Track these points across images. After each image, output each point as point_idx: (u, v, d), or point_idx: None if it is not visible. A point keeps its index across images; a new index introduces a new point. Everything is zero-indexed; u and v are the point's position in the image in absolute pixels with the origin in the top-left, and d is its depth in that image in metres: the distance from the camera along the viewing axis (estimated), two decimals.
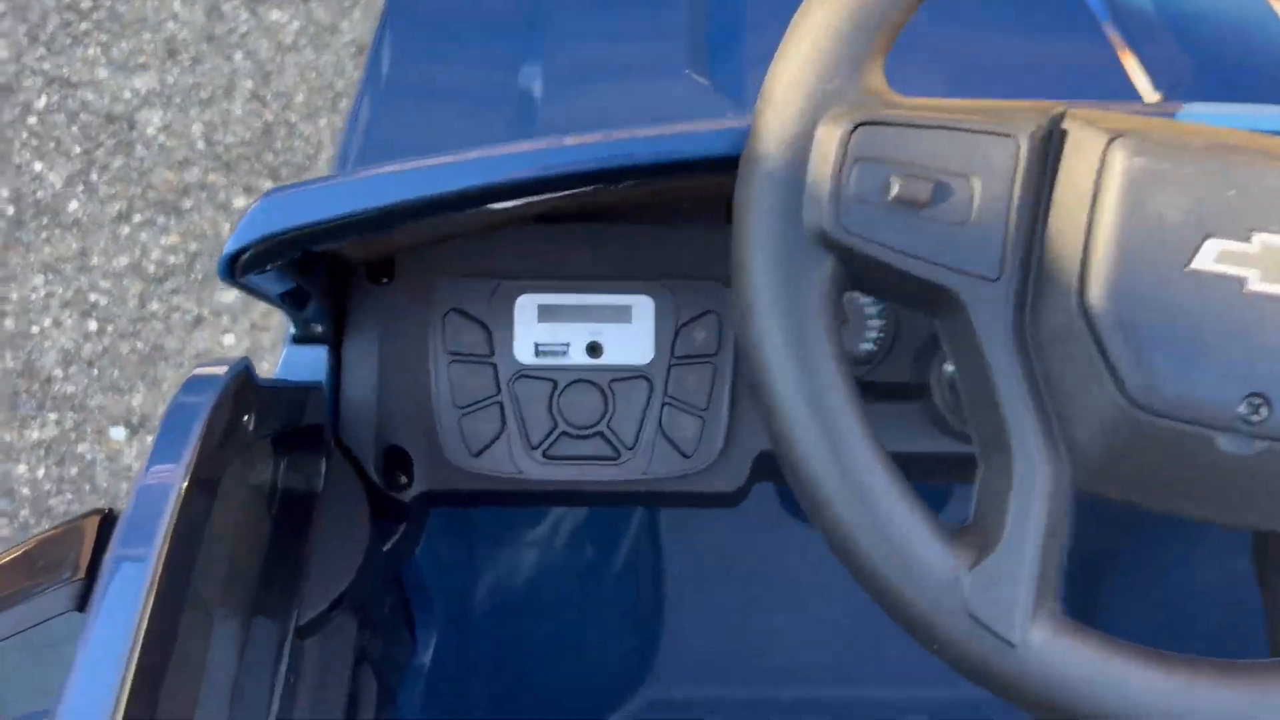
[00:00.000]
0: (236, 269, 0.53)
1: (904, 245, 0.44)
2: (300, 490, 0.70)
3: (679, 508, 0.79)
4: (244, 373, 0.48)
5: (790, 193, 0.44)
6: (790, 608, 1.19)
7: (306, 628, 0.68)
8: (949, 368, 0.67)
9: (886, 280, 0.45)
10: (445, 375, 0.74)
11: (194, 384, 0.47)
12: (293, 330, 0.75)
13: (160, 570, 0.42)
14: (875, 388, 0.78)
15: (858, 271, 0.45)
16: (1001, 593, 0.43)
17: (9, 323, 1.79)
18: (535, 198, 0.57)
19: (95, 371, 1.74)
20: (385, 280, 0.76)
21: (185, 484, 0.44)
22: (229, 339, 1.75)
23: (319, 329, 0.74)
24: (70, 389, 1.75)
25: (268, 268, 0.55)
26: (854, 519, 0.43)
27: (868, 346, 0.79)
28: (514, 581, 1.04)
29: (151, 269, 1.82)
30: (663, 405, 0.74)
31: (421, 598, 0.86)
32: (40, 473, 1.71)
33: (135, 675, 0.41)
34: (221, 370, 0.47)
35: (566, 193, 0.58)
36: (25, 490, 1.70)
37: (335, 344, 0.76)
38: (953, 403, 0.69)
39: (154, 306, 1.79)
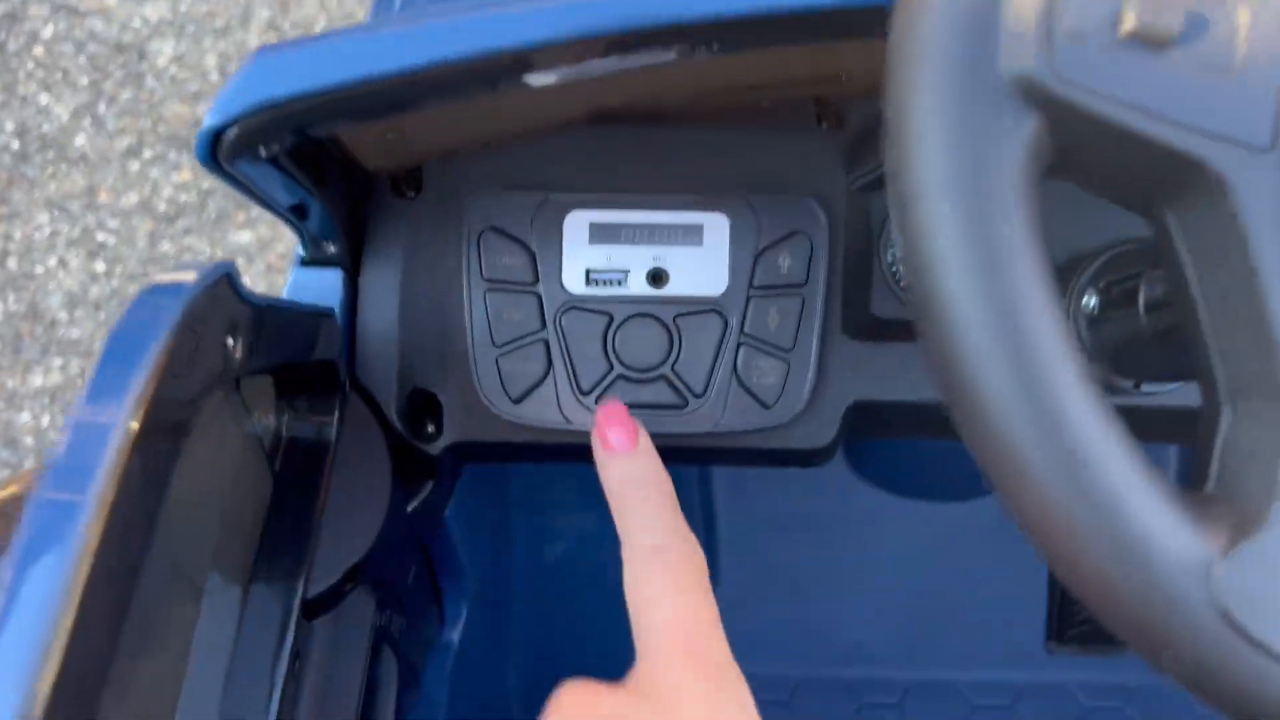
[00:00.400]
0: (220, 151, 0.41)
1: (1141, 99, 0.31)
2: (308, 440, 0.59)
3: (754, 466, 0.67)
4: (224, 281, 0.37)
5: (980, 25, 0.31)
6: (854, 579, 1.08)
7: (315, 603, 0.57)
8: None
9: (1107, 153, 0.33)
10: (481, 306, 0.62)
11: (151, 295, 0.35)
12: (301, 250, 0.63)
13: (98, 530, 0.31)
14: None
15: (1069, 139, 0.32)
16: (1269, 587, 0.30)
17: (12, 263, 1.69)
18: (599, 65, 0.45)
19: (102, 315, 1.63)
20: (411, 194, 0.64)
21: (137, 419, 0.33)
22: (244, 282, 1.64)
23: (332, 249, 0.62)
24: (76, 333, 1.64)
25: (262, 153, 0.43)
26: (1058, 480, 0.31)
27: None
28: (554, 548, 0.93)
29: (162, 207, 1.71)
30: (739, 345, 0.62)
31: (450, 566, 0.75)
32: (45, 421, 1.61)
33: (62, 668, 0.30)
34: (189, 276, 0.35)
35: (642, 61, 0.46)
36: (29, 439, 1.61)
37: (352, 268, 0.64)
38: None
39: (165, 247, 1.68)
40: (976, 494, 1.06)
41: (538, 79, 0.47)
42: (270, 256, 1.66)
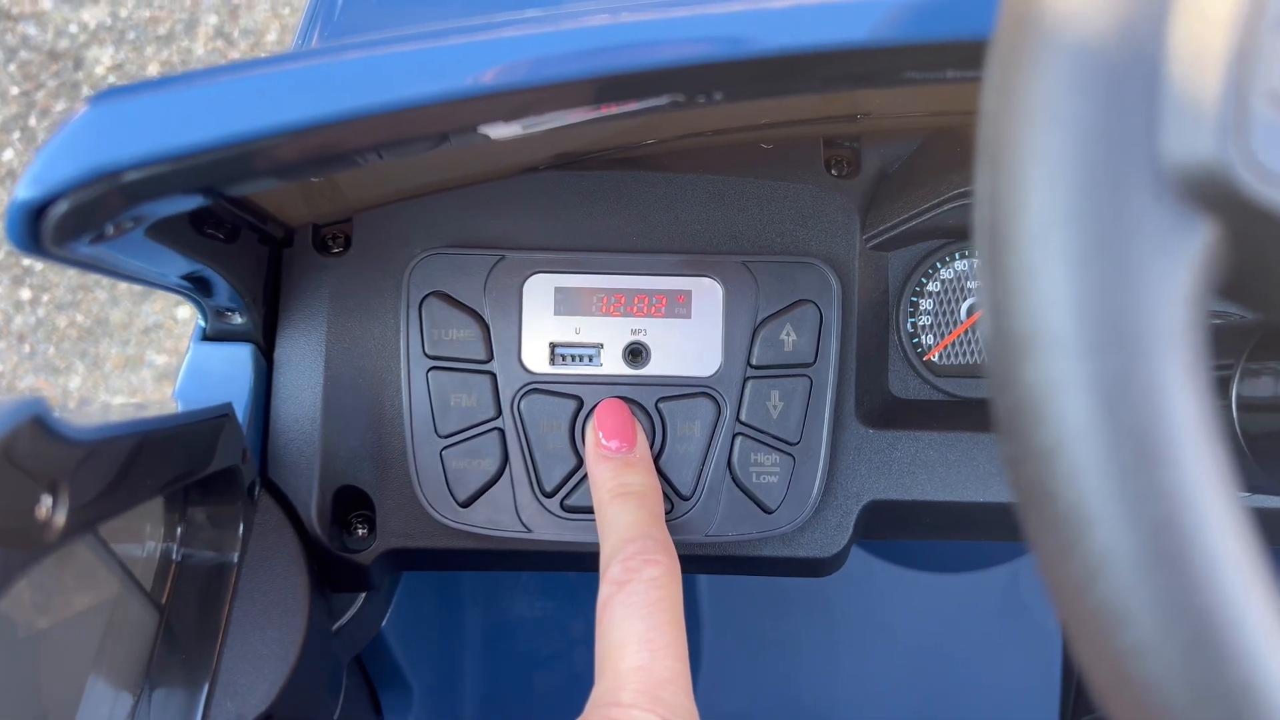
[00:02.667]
0: (45, 233, 0.30)
1: None
2: (204, 562, 0.48)
3: (751, 576, 0.56)
4: (30, 426, 0.26)
5: (1130, 83, 0.21)
6: (849, 654, 0.98)
7: None
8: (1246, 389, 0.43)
9: None
10: (423, 388, 0.51)
11: None
12: (201, 322, 0.52)
13: None
14: None
15: (1254, 254, 0.22)
16: None
17: None
18: (578, 114, 0.34)
19: (27, 348, 1.50)
20: (338, 249, 0.53)
21: None
22: (183, 311, 1.51)
23: (239, 320, 0.51)
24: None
25: (109, 232, 0.32)
26: None
27: None
28: (514, 640, 0.82)
29: None
30: (734, 436, 0.52)
31: (392, 681, 0.64)
32: None
33: None
34: None
35: (629, 110, 0.35)
36: None
37: (265, 341, 0.53)
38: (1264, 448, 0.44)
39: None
40: (984, 564, 0.96)
41: (499, 130, 0.36)
42: None
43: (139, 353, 1.50)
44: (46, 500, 0.28)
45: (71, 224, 0.30)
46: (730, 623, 0.98)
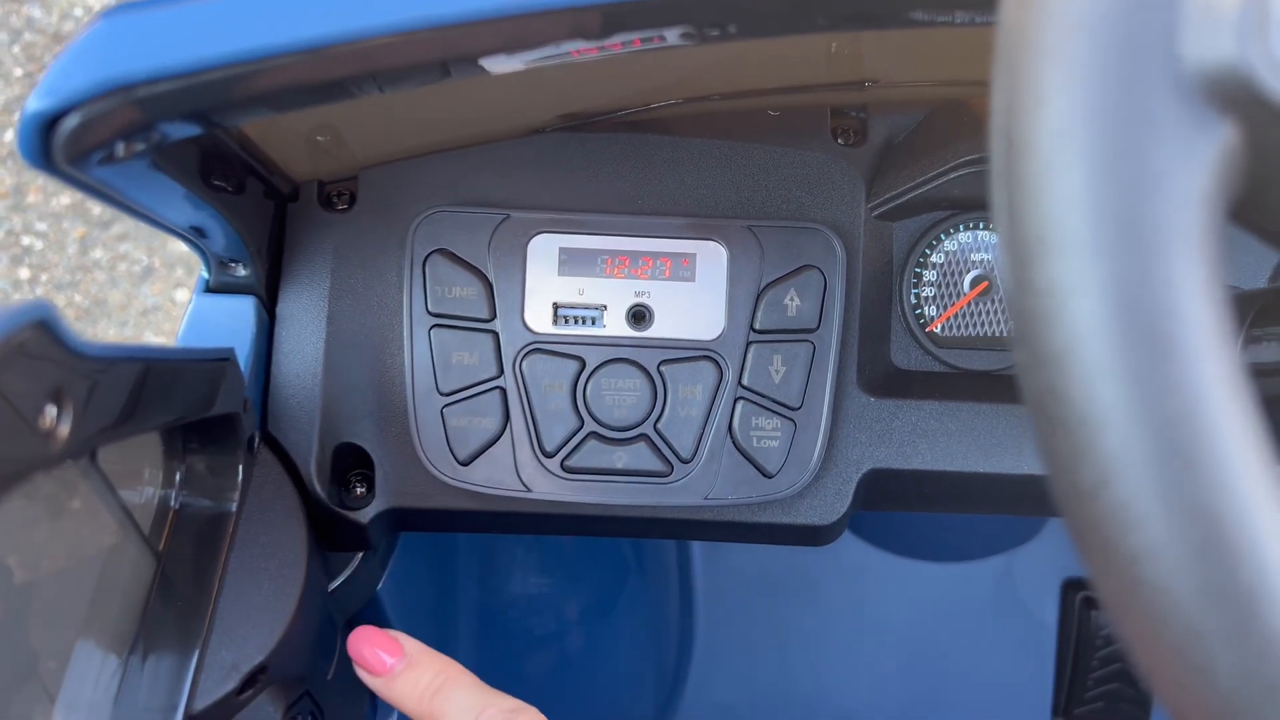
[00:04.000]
0: (56, 148, 0.30)
1: None
2: (203, 511, 0.47)
3: (749, 542, 0.56)
4: (36, 329, 0.26)
5: (1143, 1, 0.21)
6: (843, 643, 0.97)
7: (203, 717, 0.45)
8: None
9: None
10: (425, 345, 0.51)
11: None
12: (205, 273, 0.52)
13: None
14: None
15: (1273, 161, 0.22)
16: None
17: None
18: (582, 47, 0.34)
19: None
20: (343, 206, 0.53)
21: None
22: (182, 294, 1.51)
23: (243, 272, 0.51)
24: None
25: (120, 152, 0.32)
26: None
27: None
28: (508, 618, 0.82)
29: (96, 211, 1.57)
30: (736, 400, 0.52)
31: None
32: None
33: None
34: None
35: (636, 43, 0.35)
36: None
37: (268, 295, 0.53)
38: None
39: (97, 254, 1.55)
40: (980, 554, 0.96)
41: (500, 64, 0.36)
42: None
43: (137, 334, 1.50)
44: (51, 410, 0.28)
45: (83, 139, 0.30)
46: (723, 612, 0.98)
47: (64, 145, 0.30)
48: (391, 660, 0.48)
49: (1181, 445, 0.21)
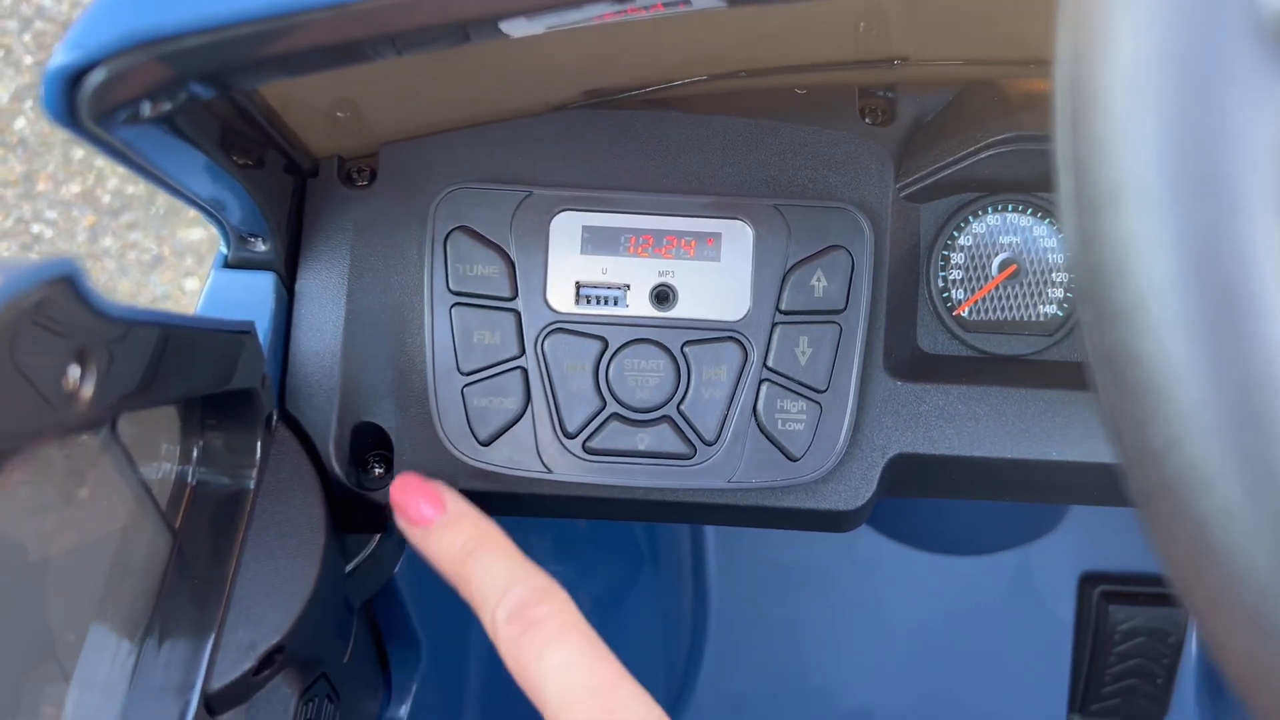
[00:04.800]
0: (81, 104, 0.29)
1: None
2: (220, 488, 0.47)
3: (772, 528, 0.55)
4: (61, 284, 0.25)
5: None
6: (858, 637, 0.97)
7: (220, 696, 0.45)
8: None
9: None
10: (445, 324, 0.50)
11: None
12: (223, 248, 0.51)
13: None
14: (1057, 370, 0.54)
15: None
16: None
17: None
18: (606, 7, 0.33)
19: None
20: (363, 182, 0.52)
21: None
22: (192, 283, 1.50)
23: (262, 247, 0.50)
24: None
25: (146, 111, 0.31)
26: None
27: (1050, 310, 0.55)
28: None
29: (106, 199, 1.57)
30: (761, 382, 0.51)
31: (400, 633, 0.63)
32: None
33: None
34: None
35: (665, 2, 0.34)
36: None
37: (287, 271, 0.52)
38: None
39: (107, 242, 1.55)
40: (996, 547, 0.95)
41: (519, 27, 0.35)
42: None
43: None
44: (74, 370, 0.27)
45: (109, 96, 0.29)
46: (737, 603, 0.97)
47: (89, 101, 0.29)
48: (431, 513, 0.46)
49: (1259, 405, 0.20)
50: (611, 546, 0.91)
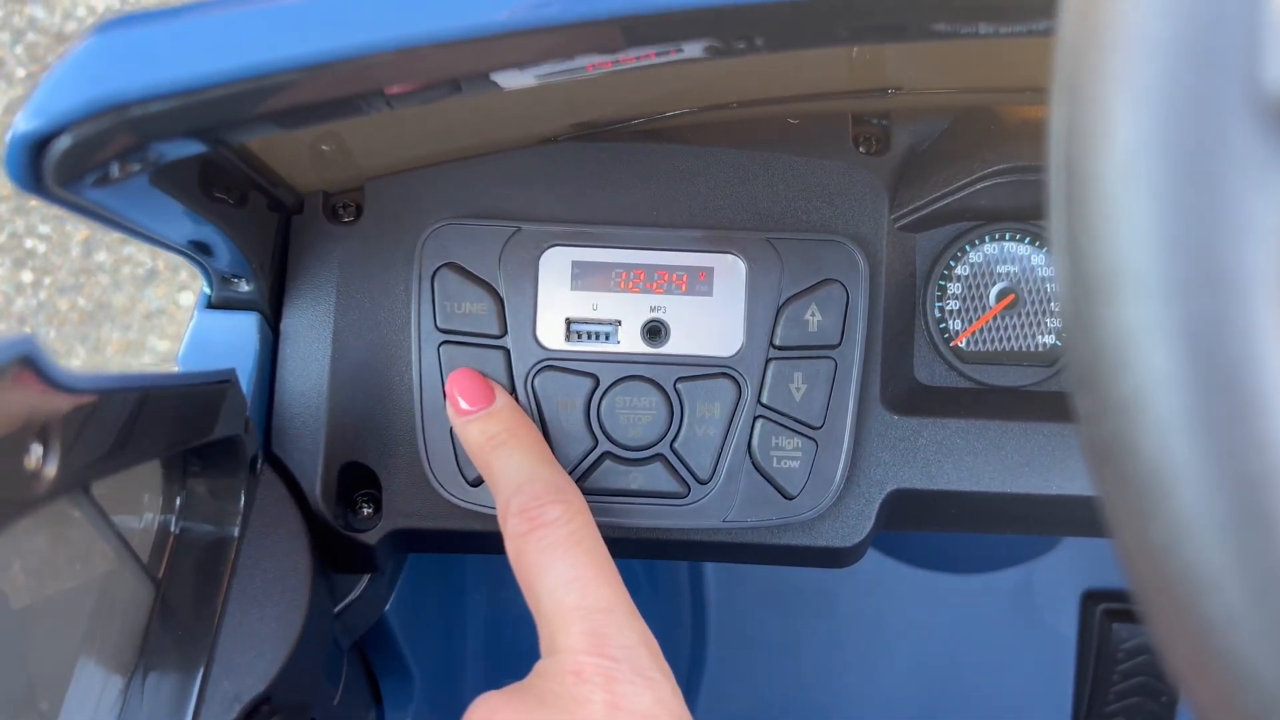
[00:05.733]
0: (46, 170, 0.28)
1: None
2: (203, 535, 0.46)
3: (768, 565, 0.54)
4: (19, 366, 0.24)
5: (1224, 15, 0.19)
6: (857, 657, 0.96)
7: None
8: None
9: None
10: (434, 363, 0.50)
11: None
12: (206, 288, 0.50)
13: None
14: (1057, 401, 0.53)
15: None
16: None
17: None
18: (599, 62, 0.33)
19: (28, 331, 1.49)
20: (349, 218, 0.52)
21: None
22: (186, 297, 1.50)
23: (246, 287, 0.49)
24: None
25: (114, 173, 0.30)
26: None
27: (1049, 340, 0.54)
28: (518, 637, 0.80)
29: None
30: (755, 419, 0.50)
31: (393, 669, 0.62)
32: None
33: None
34: None
35: (656, 58, 0.33)
36: None
37: (272, 310, 0.51)
38: None
39: (101, 257, 1.54)
40: (997, 566, 0.94)
41: (512, 79, 0.34)
42: None
43: (141, 338, 1.49)
44: (36, 449, 0.26)
45: (75, 161, 0.28)
46: (736, 625, 0.96)
47: (55, 168, 0.28)
48: (476, 406, 0.47)
49: (1263, 504, 0.19)
50: None
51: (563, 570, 0.40)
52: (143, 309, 1.50)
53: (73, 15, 1.74)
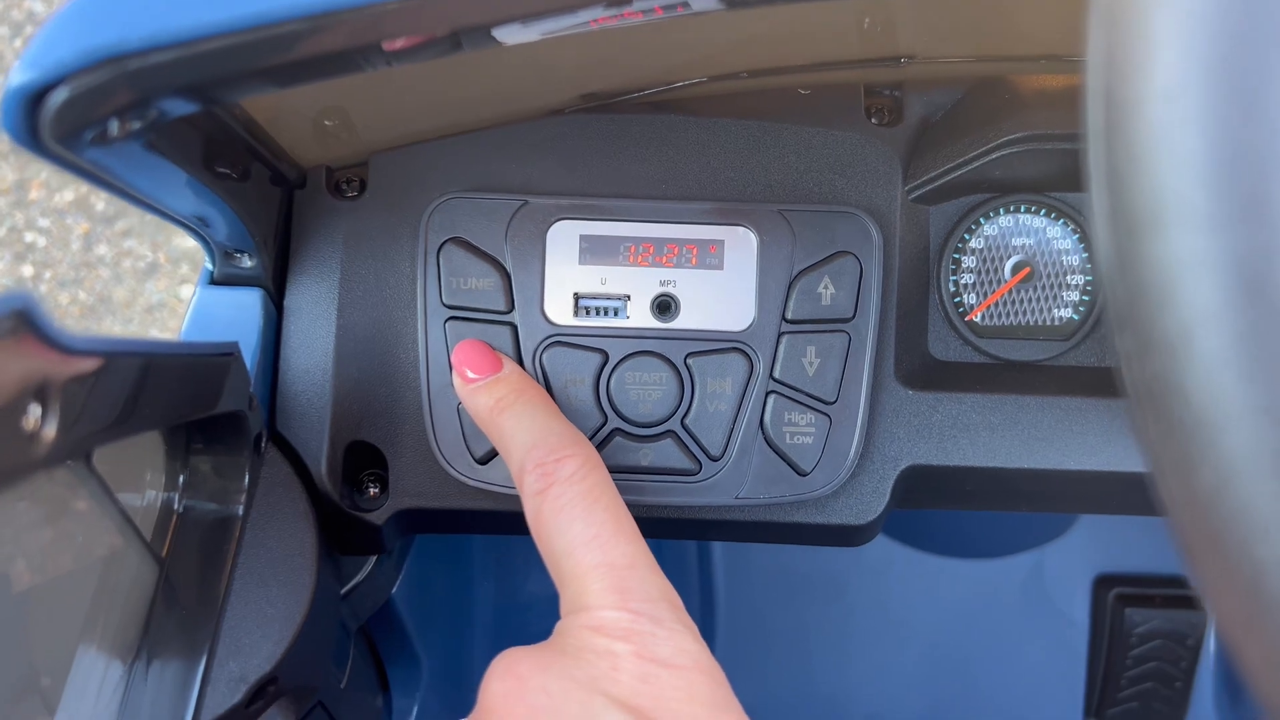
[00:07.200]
0: (42, 124, 0.27)
1: None
2: (208, 514, 0.45)
3: (781, 543, 0.53)
4: (14, 321, 0.23)
5: None
6: (868, 643, 0.95)
7: None
8: None
9: None
10: (440, 339, 0.49)
11: None
12: (209, 264, 0.49)
13: None
14: (1074, 376, 0.52)
15: None
16: None
17: None
18: (603, 12, 0.32)
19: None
20: (352, 194, 0.51)
21: None
22: (187, 290, 1.49)
23: (249, 263, 0.48)
24: None
25: (114, 130, 0.30)
26: None
27: (1065, 313, 0.53)
28: (526, 620, 0.79)
29: (100, 206, 1.55)
30: (767, 394, 0.49)
31: (400, 653, 0.61)
32: None
33: None
34: None
35: (663, 7, 0.32)
36: None
37: (275, 287, 0.50)
38: None
39: (101, 250, 1.53)
40: (1009, 551, 0.93)
41: (513, 33, 0.33)
42: None
43: (142, 330, 1.48)
44: (35, 409, 0.25)
45: (73, 116, 0.27)
46: (745, 611, 0.95)
47: (52, 122, 0.27)
48: (476, 375, 0.46)
49: None
50: None
51: (581, 530, 0.40)
52: (144, 302, 1.49)
53: None
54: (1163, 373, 0.19)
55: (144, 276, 1.50)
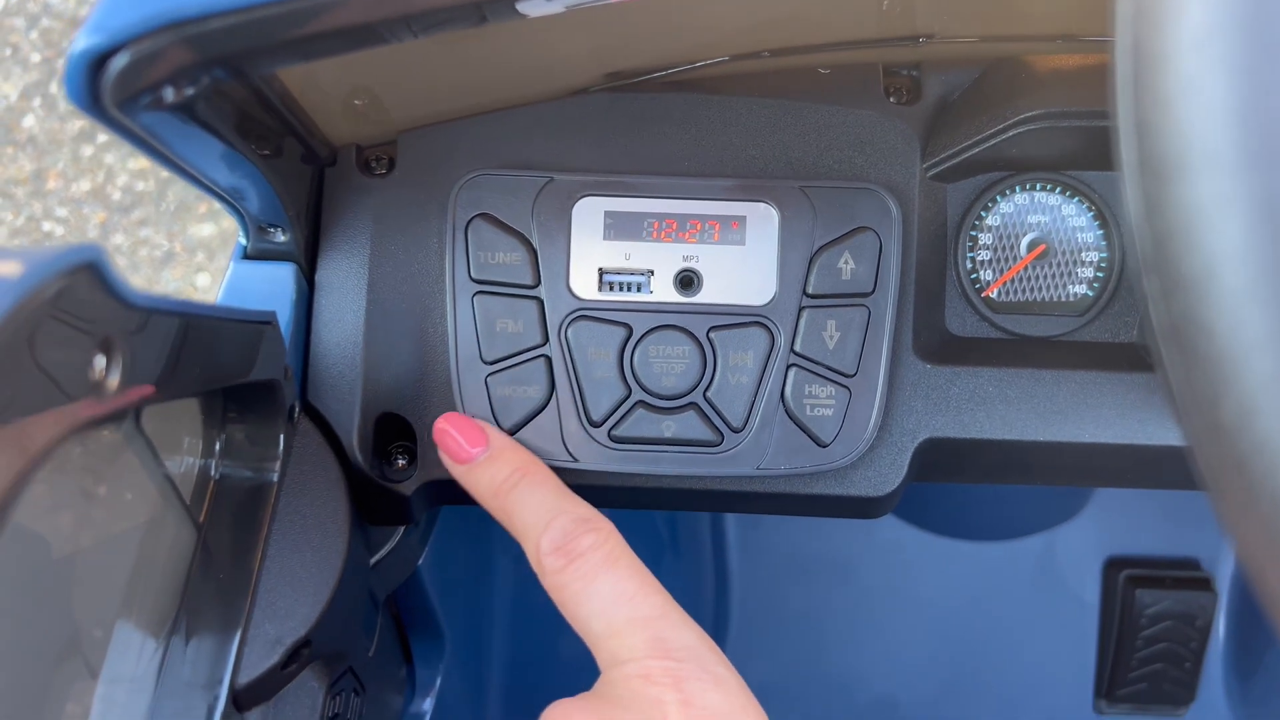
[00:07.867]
0: (104, 88, 0.29)
1: None
2: (243, 481, 0.46)
3: (801, 515, 0.54)
4: (83, 274, 0.24)
5: None
6: (881, 626, 0.96)
7: (247, 692, 0.44)
8: None
9: None
10: (468, 313, 0.50)
11: None
12: (243, 239, 0.50)
13: None
14: (1088, 350, 0.53)
15: None
16: None
17: None
18: None
19: None
20: (382, 171, 0.52)
21: None
22: (203, 279, 1.50)
23: (282, 238, 0.49)
24: None
25: (169, 97, 0.31)
26: None
27: (1080, 290, 0.54)
28: (546, 597, 0.81)
29: (116, 195, 1.57)
30: (789, 367, 0.50)
31: (424, 625, 0.62)
32: None
33: None
34: (12, 269, 0.22)
35: None
36: None
37: (307, 262, 0.51)
38: None
39: (118, 239, 1.54)
40: (1020, 533, 0.94)
41: (536, 6, 0.34)
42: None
43: None
44: (100, 360, 0.26)
45: (132, 79, 0.28)
46: (758, 592, 0.96)
47: (113, 86, 0.28)
48: (474, 450, 0.46)
49: None
50: (632, 535, 0.90)
51: (607, 591, 0.40)
52: (160, 291, 1.51)
53: (86, 0, 1.74)
54: (1189, 310, 0.20)
55: (160, 265, 1.51)
